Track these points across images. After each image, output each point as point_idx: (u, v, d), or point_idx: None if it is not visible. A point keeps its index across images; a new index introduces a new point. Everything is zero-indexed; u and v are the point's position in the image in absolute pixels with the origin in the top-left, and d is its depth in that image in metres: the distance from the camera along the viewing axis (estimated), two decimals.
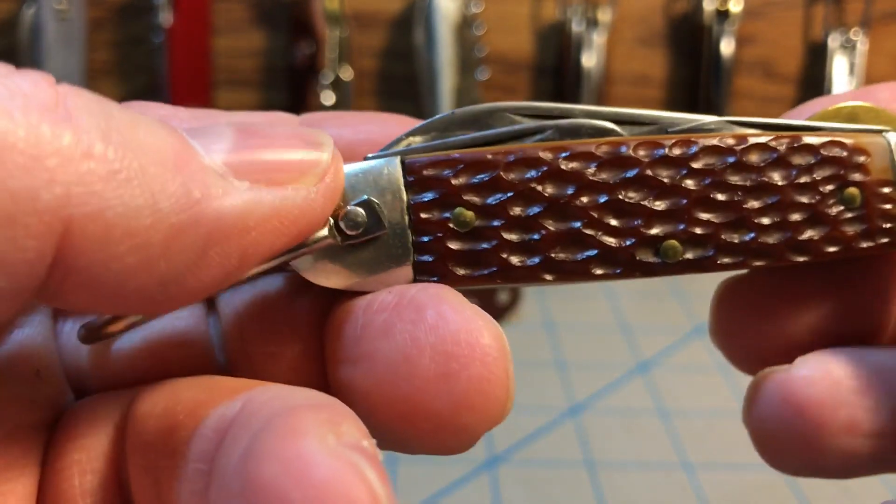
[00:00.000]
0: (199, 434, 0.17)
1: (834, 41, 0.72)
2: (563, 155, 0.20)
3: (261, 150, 0.18)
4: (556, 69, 0.75)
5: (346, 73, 0.72)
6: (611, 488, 0.46)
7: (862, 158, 0.21)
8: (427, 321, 0.18)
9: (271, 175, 0.17)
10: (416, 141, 0.20)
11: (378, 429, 0.18)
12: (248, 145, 0.18)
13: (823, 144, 0.21)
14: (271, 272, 0.19)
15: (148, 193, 0.15)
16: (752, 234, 0.21)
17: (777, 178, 0.21)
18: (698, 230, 0.20)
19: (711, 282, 0.25)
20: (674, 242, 0.20)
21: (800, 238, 0.21)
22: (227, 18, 0.74)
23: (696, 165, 0.20)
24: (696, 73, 0.74)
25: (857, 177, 0.21)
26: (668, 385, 0.56)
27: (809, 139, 0.21)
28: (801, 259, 0.21)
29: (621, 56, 0.75)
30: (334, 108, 0.72)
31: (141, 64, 0.74)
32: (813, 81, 0.74)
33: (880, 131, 0.22)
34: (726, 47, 0.72)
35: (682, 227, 0.20)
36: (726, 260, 0.21)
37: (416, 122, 0.22)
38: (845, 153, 0.21)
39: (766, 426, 0.20)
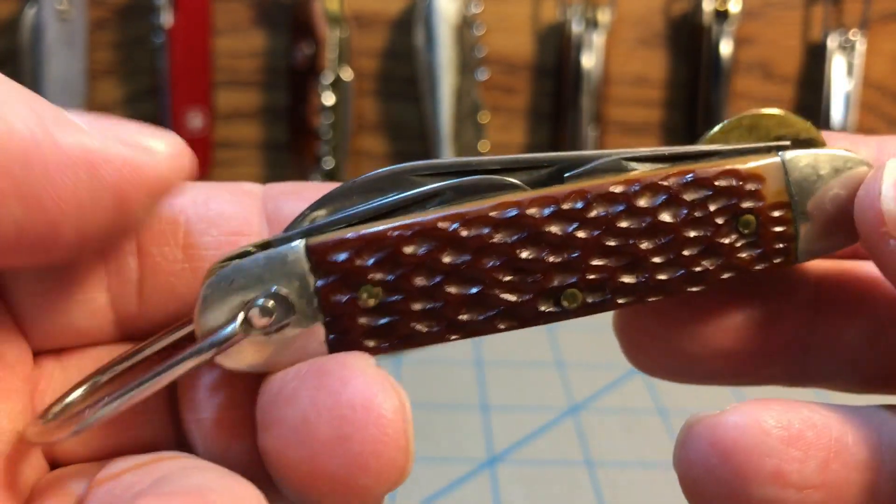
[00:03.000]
0: None
1: (833, 42, 0.73)
2: (459, 223, 0.20)
3: (116, 124, 0.20)
4: (555, 70, 0.75)
5: (347, 74, 0.72)
6: (610, 487, 0.46)
7: (755, 185, 0.21)
8: (328, 386, 0.19)
9: (122, 138, 0.19)
10: (321, 214, 0.21)
11: (290, 493, 0.19)
12: (104, 120, 0.19)
13: (716, 175, 0.21)
14: (195, 368, 0.20)
15: (3, 111, 0.17)
16: (647, 274, 0.21)
17: (669, 217, 0.21)
18: (594, 276, 0.21)
19: None
20: (573, 291, 0.21)
21: (694, 270, 0.21)
22: (228, 19, 0.74)
23: (588, 216, 0.21)
24: (695, 74, 0.74)
25: (751, 204, 0.21)
26: (668, 384, 0.56)
27: (702, 173, 0.21)
28: (697, 289, 0.21)
29: (621, 57, 0.75)
30: (334, 108, 0.72)
31: (142, 64, 0.74)
32: (812, 82, 0.75)
33: (776, 148, 0.22)
34: (725, 48, 0.72)
35: (578, 276, 0.21)
36: (624, 300, 0.21)
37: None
38: (739, 182, 0.21)
39: (692, 470, 0.20)
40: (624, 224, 0.21)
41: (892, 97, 0.76)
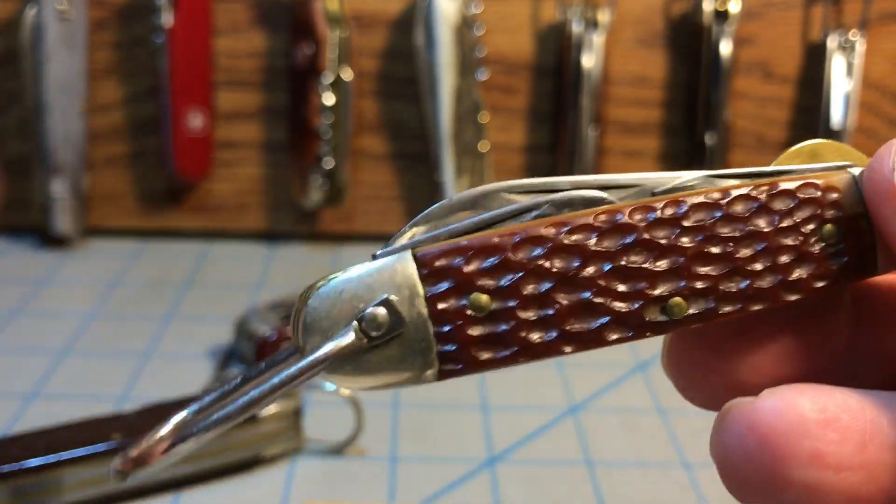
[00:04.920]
0: None
1: (832, 42, 0.73)
2: (565, 229, 0.20)
3: None
4: (555, 70, 0.75)
5: (347, 74, 0.72)
6: (610, 487, 0.46)
7: (834, 196, 0.22)
8: None
9: None
10: (420, 231, 0.21)
11: None
12: None
13: (799, 187, 0.22)
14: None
15: None
16: (748, 281, 0.21)
17: (762, 224, 0.22)
18: (699, 284, 0.21)
19: None
20: (678, 300, 0.21)
21: (790, 278, 0.22)
22: (228, 19, 0.74)
23: (687, 223, 0.21)
24: (695, 74, 0.74)
25: (832, 214, 0.22)
26: (667, 384, 0.56)
27: (785, 184, 0.22)
28: (795, 297, 0.22)
29: (621, 57, 0.75)
30: (334, 108, 0.72)
31: (142, 64, 0.74)
32: (811, 82, 0.75)
33: (845, 167, 0.23)
34: (725, 48, 0.72)
35: (683, 283, 0.21)
36: (727, 309, 0.21)
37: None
38: (819, 193, 0.22)
39: (730, 456, 0.20)
40: (722, 231, 0.21)
41: (892, 97, 0.76)
